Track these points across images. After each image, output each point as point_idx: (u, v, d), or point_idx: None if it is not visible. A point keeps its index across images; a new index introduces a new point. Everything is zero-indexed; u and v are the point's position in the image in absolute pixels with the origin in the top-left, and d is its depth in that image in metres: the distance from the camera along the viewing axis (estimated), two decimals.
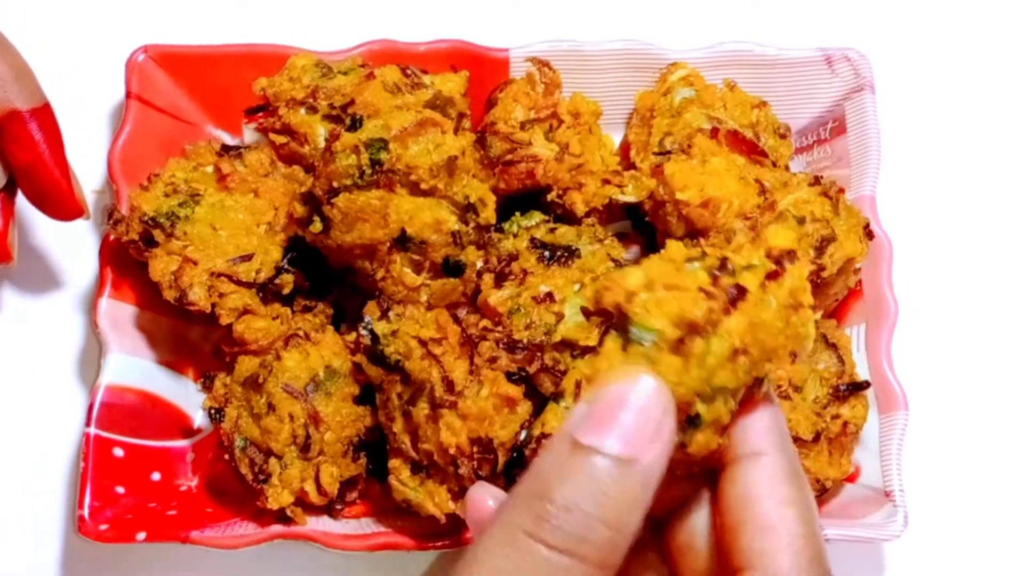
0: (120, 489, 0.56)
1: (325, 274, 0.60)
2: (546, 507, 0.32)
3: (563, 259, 0.57)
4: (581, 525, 0.32)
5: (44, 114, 0.56)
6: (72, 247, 0.66)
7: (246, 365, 0.57)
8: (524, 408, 0.52)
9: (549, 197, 0.61)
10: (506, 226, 0.60)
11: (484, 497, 0.38)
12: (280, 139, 0.60)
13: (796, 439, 0.55)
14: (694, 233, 0.57)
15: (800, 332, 0.36)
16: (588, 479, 0.32)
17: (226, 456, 0.56)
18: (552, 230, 0.60)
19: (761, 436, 0.37)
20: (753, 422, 0.37)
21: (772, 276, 0.35)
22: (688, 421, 0.35)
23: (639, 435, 0.33)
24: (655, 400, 0.34)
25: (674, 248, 0.36)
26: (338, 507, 0.57)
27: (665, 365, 0.34)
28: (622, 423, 0.33)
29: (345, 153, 0.53)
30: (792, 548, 0.35)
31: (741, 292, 0.34)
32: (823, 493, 0.58)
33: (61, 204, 0.57)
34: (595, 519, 0.32)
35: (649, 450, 0.33)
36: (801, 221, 0.56)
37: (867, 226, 0.58)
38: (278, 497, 0.54)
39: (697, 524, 0.39)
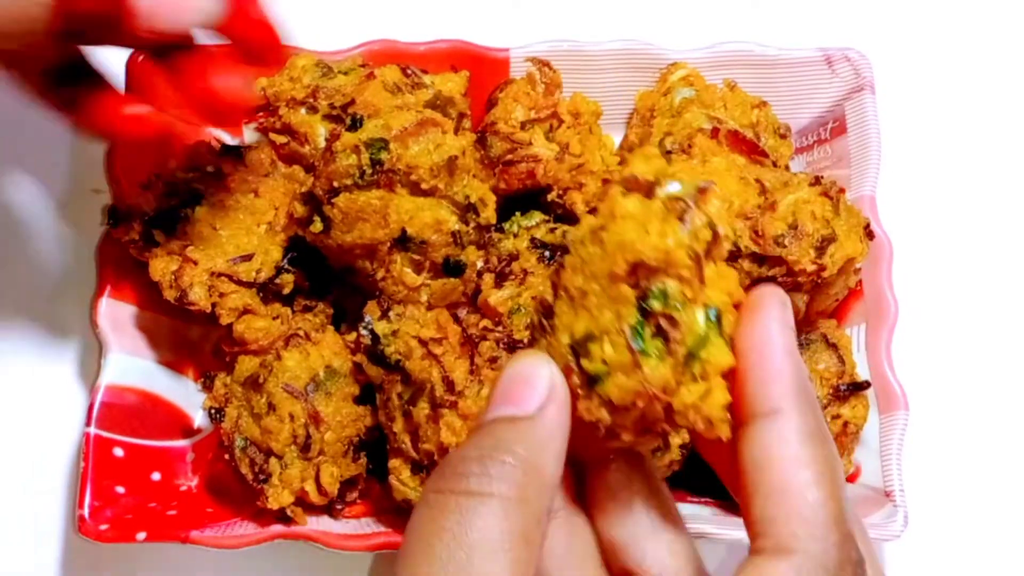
0: (120, 489, 0.56)
1: (325, 274, 0.59)
2: (451, 467, 0.34)
3: None
4: (485, 466, 0.33)
5: None
6: (72, 247, 0.66)
7: (246, 365, 0.57)
8: None
9: (549, 197, 0.61)
10: (506, 226, 0.60)
11: None
12: (280, 139, 0.61)
13: None
14: None
15: (658, 244, 0.35)
16: (488, 435, 0.35)
17: (226, 456, 0.56)
18: (552, 230, 0.60)
19: (777, 392, 0.36)
20: (771, 378, 0.36)
21: (639, 189, 0.36)
22: (590, 380, 0.36)
23: (523, 395, 0.35)
24: (536, 365, 0.36)
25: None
26: (338, 507, 0.57)
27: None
28: (511, 391, 0.35)
29: (345, 153, 0.53)
30: (803, 514, 0.34)
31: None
32: None
33: (267, 48, 0.49)
34: (496, 460, 0.33)
35: (541, 400, 0.35)
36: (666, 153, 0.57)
37: (867, 226, 0.58)
38: (278, 497, 0.54)
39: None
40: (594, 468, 0.39)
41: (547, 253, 0.58)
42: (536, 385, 0.36)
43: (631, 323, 0.35)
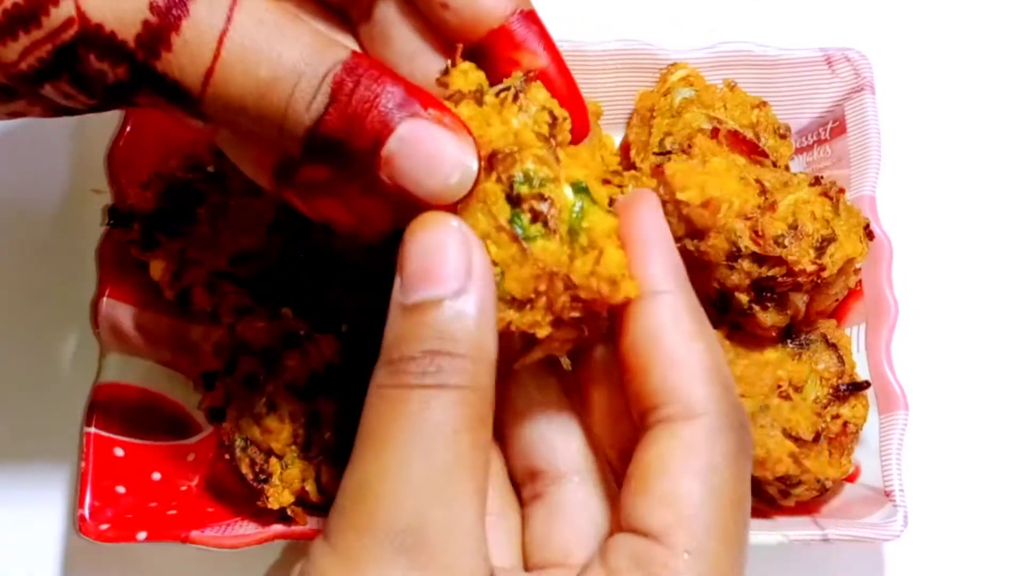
0: (120, 489, 0.56)
1: (325, 274, 0.59)
2: (398, 365, 0.34)
3: None
4: (433, 364, 0.34)
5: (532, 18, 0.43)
6: (72, 247, 0.66)
7: (247, 365, 0.57)
8: None
9: None
10: None
11: None
12: None
13: (796, 439, 0.55)
14: (695, 233, 0.57)
15: (504, 130, 0.37)
16: (425, 326, 0.34)
17: (226, 456, 0.56)
18: None
19: (660, 274, 0.38)
20: (651, 262, 0.38)
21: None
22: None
23: (446, 270, 0.35)
24: (456, 234, 0.35)
25: None
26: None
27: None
28: (433, 268, 0.35)
29: None
30: (703, 379, 0.36)
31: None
32: (823, 493, 0.58)
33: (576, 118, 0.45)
34: (443, 354, 0.34)
35: (471, 278, 0.35)
36: None
37: (867, 226, 0.58)
38: (279, 497, 0.54)
39: (602, 374, 0.41)
40: (506, 377, 0.40)
41: None
42: (457, 257, 0.35)
43: (506, 216, 0.37)
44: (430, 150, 0.36)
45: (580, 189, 0.38)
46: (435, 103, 0.37)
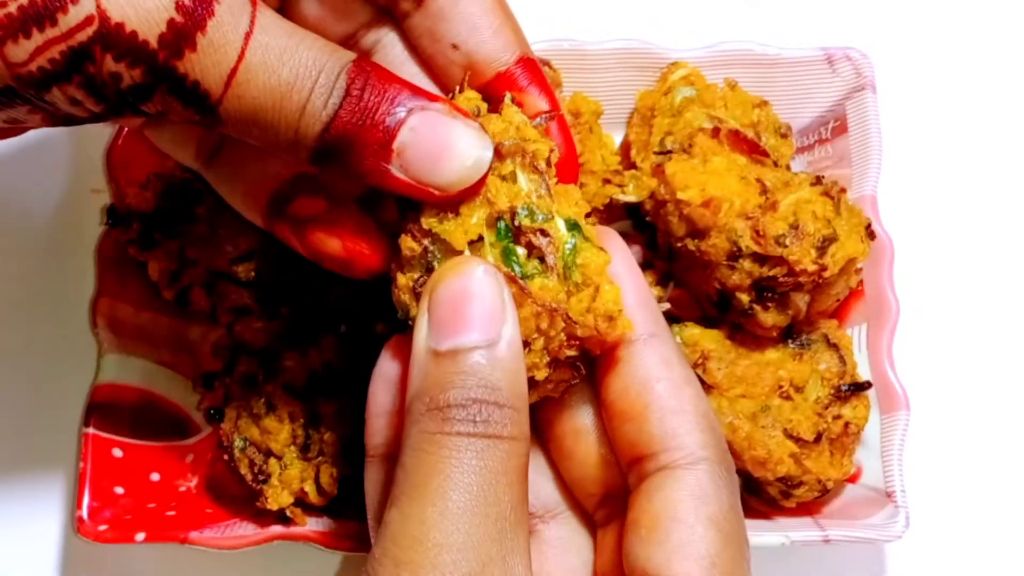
0: (119, 489, 0.56)
1: (325, 274, 0.59)
2: (446, 412, 0.34)
3: None
4: (483, 412, 0.34)
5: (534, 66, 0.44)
6: (72, 247, 0.66)
7: (245, 365, 0.57)
8: None
9: None
10: None
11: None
12: None
13: (797, 439, 0.55)
14: (695, 233, 0.56)
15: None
16: (465, 374, 0.34)
17: (226, 456, 0.56)
18: None
19: (642, 318, 0.39)
20: (639, 305, 0.39)
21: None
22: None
23: (485, 318, 0.35)
24: (487, 279, 0.36)
25: None
26: (338, 507, 0.57)
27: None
28: (468, 315, 0.35)
29: None
30: (701, 425, 0.37)
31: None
32: (824, 493, 0.58)
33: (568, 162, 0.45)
34: (489, 403, 0.34)
35: (504, 324, 0.35)
36: None
37: (868, 226, 0.58)
38: (278, 497, 0.54)
39: (583, 418, 0.41)
40: None
41: None
42: (491, 294, 0.35)
43: (500, 256, 0.37)
44: (443, 138, 0.36)
45: (572, 226, 0.38)
46: (443, 99, 0.37)
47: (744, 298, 0.56)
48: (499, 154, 0.38)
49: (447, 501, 0.33)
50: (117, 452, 0.56)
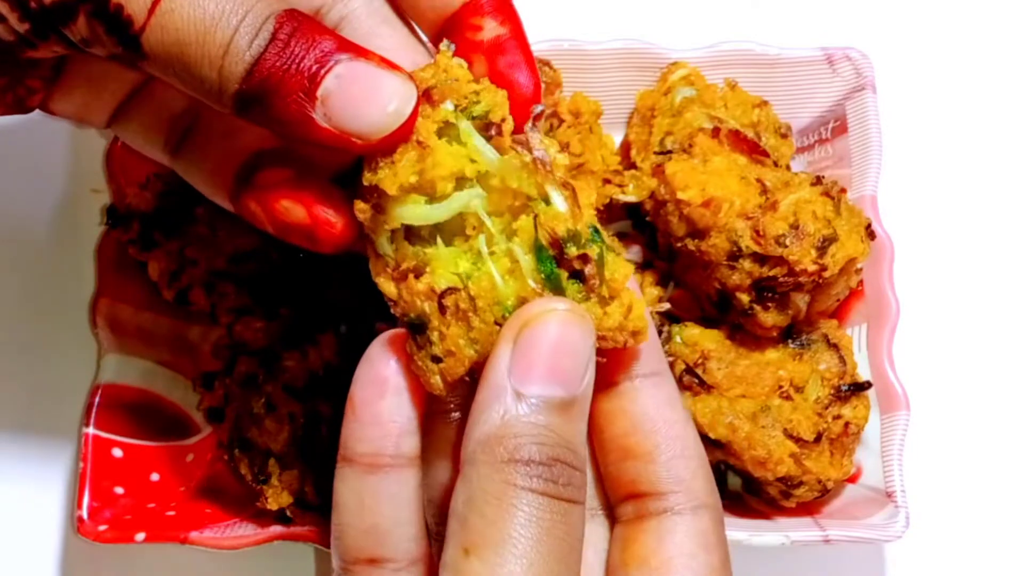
0: (119, 489, 0.56)
1: (325, 274, 0.59)
2: (532, 468, 0.34)
3: None
4: (565, 475, 0.34)
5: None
6: (72, 247, 0.66)
7: (245, 365, 0.57)
8: None
9: None
10: None
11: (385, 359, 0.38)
12: None
13: (797, 439, 0.55)
14: (696, 233, 0.56)
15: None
16: (551, 432, 0.34)
17: (225, 456, 0.56)
18: None
19: (648, 355, 0.38)
20: (645, 346, 0.38)
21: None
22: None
23: (575, 374, 0.35)
24: (587, 336, 0.35)
25: None
26: None
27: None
28: (563, 368, 0.35)
29: None
30: (703, 471, 0.38)
31: None
32: (824, 494, 0.58)
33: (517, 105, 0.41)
34: (570, 466, 0.34)
35: (584, 383, 0.35)
36: None
37: (869, 226, 0.58)
38: (278, 497, 0.54)
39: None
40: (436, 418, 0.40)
41: None
42: (583, 352, 0.35)
43: (538, 278, 0.36)
44: (367, 85, 0.36)
45: (595, 233, 0.37)
46: (373, 53, 0.37)
47: (744, 298, 0.56)
48: (429, 98, 0.37)
49: (532, 563, 0.33)
50: (117, 452, 0.56)
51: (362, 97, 0.36)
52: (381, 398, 0.38)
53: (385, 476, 0.37)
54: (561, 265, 0.36)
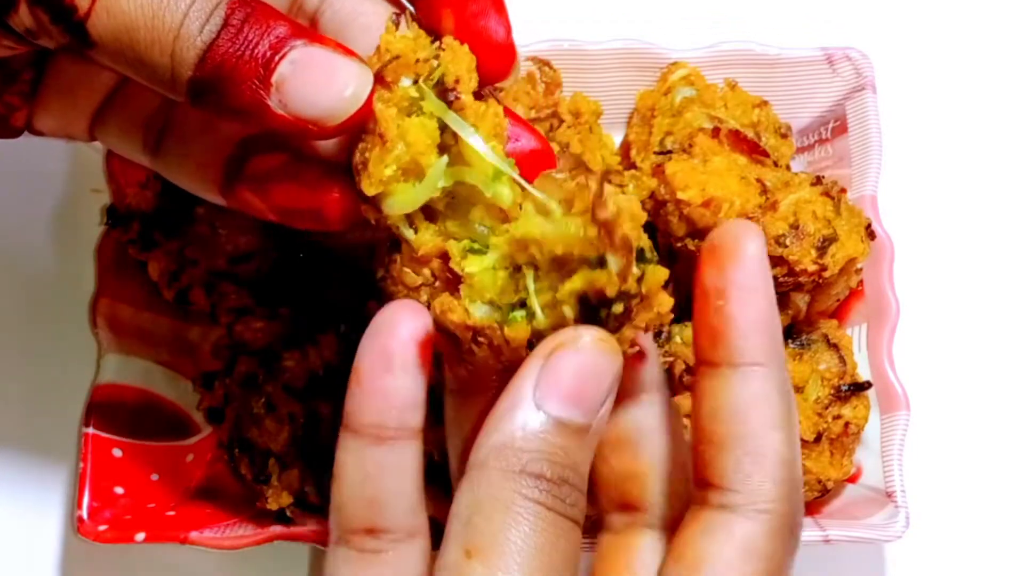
0: (119, 489, 0.56)
1: (325, 274, 0.59)
2: (541, 483, 0.34)
3: None
4: (571, 496, 0.34)
5: None
6: (72, 247, 0.66)
7: (245, 365, 0.57)
8: None
9: None
10: None
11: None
12: None
13: None
14: (696, 233, 0.56)
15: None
16: (565, 453, 0.34)
17: (225, 456, 0.56)
18: None
19: (759, 345, 0.36)
20: (754, 329, 0.36)
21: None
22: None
23: (595, 401, 0.35)
24: (611, 365, 0.35)
25: None
26: None
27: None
28: (586, 393, 0.34)
29: None
30: (777, 476, 0.36)
31: None
32: (824, 494, 0.58)
33: (490, 56, 0.40)
34: (575, 489, 0.34)
35: (601, 412, 0.35)
36: None
37: (869, 226, 0.58)
38: (278, 498, 0.54)
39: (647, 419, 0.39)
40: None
41: None
42: (606, 388, 0.35)
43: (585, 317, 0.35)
44: (323, 70, 0.35)
45: (640, 255, 0.35)
46: (329, 40, 0.36)
47: None
48: (383, 81, 0.36)
49: (533, 572, 0.33)
50: (117, 452, 0.56)
51: (318, 82, 0.35)
52: (387, 371, 0.36)
53: (389, 448, 0.36)
54: (601, 309, 0.35)
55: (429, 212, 0.38)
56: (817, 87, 0.65)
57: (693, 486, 0.38)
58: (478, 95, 0.38)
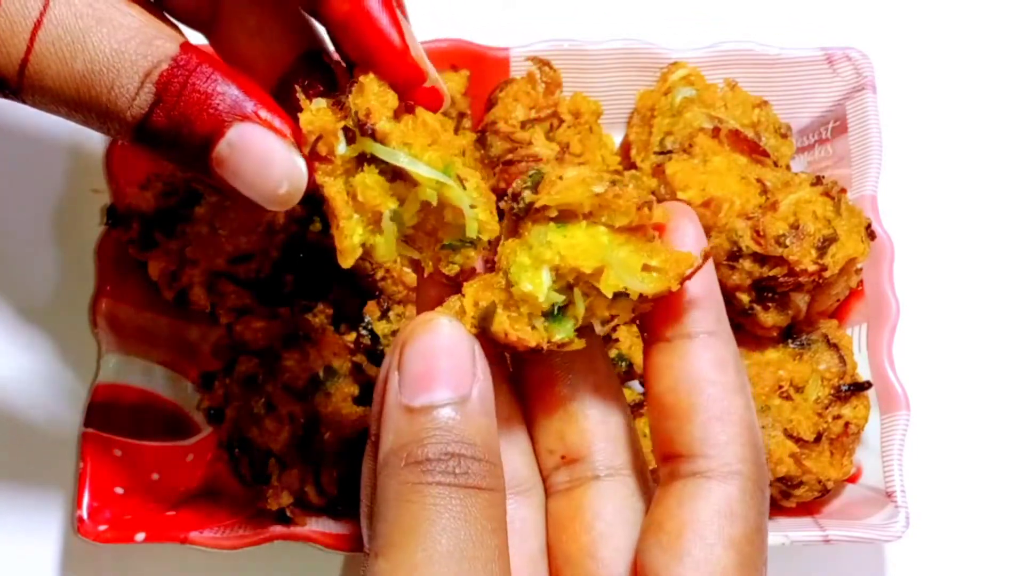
0: (119, 489, 0.56)
1: (325, 274, 0.59)
2: (425, 465, 0.34)
3: None
4: (462, 465, 0.34)
5: None
6: (72, 247, 0.66)
7: (245, 365, 0.57)
8: None
9: None
10: None
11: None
12: None
13: (798, 439, 0.55)
14: None
15: None
16: (443, 431, 0.35)
17: (225, 456, 0.56)
18: None
19: (711, 316, 0.38)
20: (705, 302, 0.38)
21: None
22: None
23: (459, 373, 0.35)
24: (455, 335, 0.36)
25: None
26: (338, 507, 0.57)
27: None
28: (441, 371, 0.35)
29: None
30: (742, 438, 0.37)
31: None
32: (824, 494, 0.58)
33: (391, 66, 0.40)
34: (467, 457, 0.34)
35: (475, 380, 0.35)
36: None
37: (869, 226, 0.58)
38: (278, 498, 0.54)
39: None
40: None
41: None
42: (463, 351, 0.36)
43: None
44: (259, 155, 0.36)
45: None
46: (268, 103, 0.36)
47: (744, 298, 0.56)
48: (319, 157, 0.37)
49: (436, 545, 0.33)
50: (117, 452, 0.56)
51: (254, 171, 0.36)
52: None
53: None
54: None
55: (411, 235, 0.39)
56: (817, 87, 0.65)
57: (659, 465, 0.38)
58: (409, 109, 0.39)
